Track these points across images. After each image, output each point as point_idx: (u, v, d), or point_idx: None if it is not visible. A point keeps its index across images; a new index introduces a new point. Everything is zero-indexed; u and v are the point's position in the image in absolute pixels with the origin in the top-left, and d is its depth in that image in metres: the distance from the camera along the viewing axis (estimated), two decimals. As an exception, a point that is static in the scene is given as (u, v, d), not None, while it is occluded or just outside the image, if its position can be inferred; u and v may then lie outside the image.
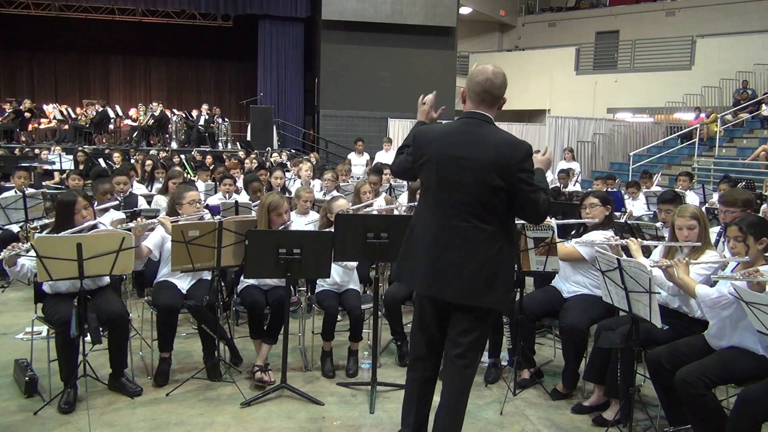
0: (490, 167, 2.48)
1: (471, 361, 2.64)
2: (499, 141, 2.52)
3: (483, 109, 2.59)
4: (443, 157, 2.57)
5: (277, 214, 3.99)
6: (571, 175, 10.47)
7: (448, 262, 2.55)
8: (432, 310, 2.71)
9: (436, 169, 2.59)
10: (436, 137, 2.63)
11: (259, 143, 15.09)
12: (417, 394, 2.76)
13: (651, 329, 3.09)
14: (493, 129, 2.58)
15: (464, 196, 2.53)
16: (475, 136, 2.55)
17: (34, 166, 9.73)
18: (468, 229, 2.53)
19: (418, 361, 2.78)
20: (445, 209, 2.57)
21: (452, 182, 2.54)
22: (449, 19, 16.49)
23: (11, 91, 18.37)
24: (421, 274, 2.62)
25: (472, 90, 2.60)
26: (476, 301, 2.56)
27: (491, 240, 2.54)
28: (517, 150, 2.50)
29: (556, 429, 3.38)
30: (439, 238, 2.57)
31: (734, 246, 2.98)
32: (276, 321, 3.93)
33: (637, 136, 16.67)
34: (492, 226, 2.53)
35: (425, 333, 2.75)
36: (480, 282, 2.53)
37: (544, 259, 3.62)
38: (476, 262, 2.52)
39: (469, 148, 2.53)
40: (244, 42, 18.54)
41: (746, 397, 2.66)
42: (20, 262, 3.45)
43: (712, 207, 6.25)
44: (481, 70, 2.59)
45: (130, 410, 3.46)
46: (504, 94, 2.61)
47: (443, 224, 2.57)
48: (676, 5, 19.32)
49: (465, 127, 2.60)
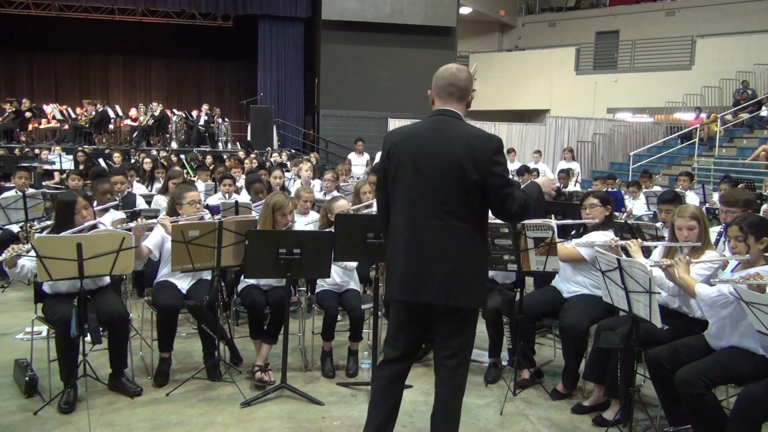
0: (463, 162, 2.45)
1: (461, 361, 2.62)
2: (470, 135, 2.50)
3: (451, 105, 2.58)
4: (414, 155, 2.53)
5: (282, 214, 3.99)
6: (571, 175, 10.48)
7: (423, 263, 2.51)
8: (410, 314, 2.66)
9: (408, 169, 2.55)
10: (405, 137, 2.60)
11: (259, 143, 15.09)
12: (381, 393, 2.70)
13: (651, 329, 3.09)
14: (463, 124, 2.56)
15: (437, 194, 2.49)
16: (445, 133, 2.52)
17: (34, 166, 9.73)
18: (442, 228, 2.49)
19: (388, 363, 2.71)
20: (419, 209, 2.53)
21: (425, 181, 2.51)
22: (449, 19, 16.49)
23: (11, 91, 18.36)
24: (396, 277, 2.59)
25: (439, 86, 2.60)
26: (454, 302, 2.52)
27: (466, 239, 2.50)
28: (487, 143, 2.48)
29: (556, 429, 3.38)
30: (413, 239, 2.54)
31: (735, 246, 2.98)
32: (276, 321, 3.93)
33: (637, 136, 16.67)
34: (467, 224, 2.50)
35: (401, 337, 2.69)
36: (456, 282, 2.50)
37: (544, 259, 3.61)
38: (452, 262, 2.49)
39: (440, 145, 2.50)
40: (244, 42, 18.54)
41: (746, 397, 2.66)
42: (20, 263, 3.45)
43: (712, 207, 6.26)
44: (446, 68, 2.61)
45: (130, 410, 3.46)
46: (471, 90, 2.61)
47: (417, 224, 2.53)
48: (676, 5, 19.32)
49: (434, 124, 2.57)
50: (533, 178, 9.92)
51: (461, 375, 2.64)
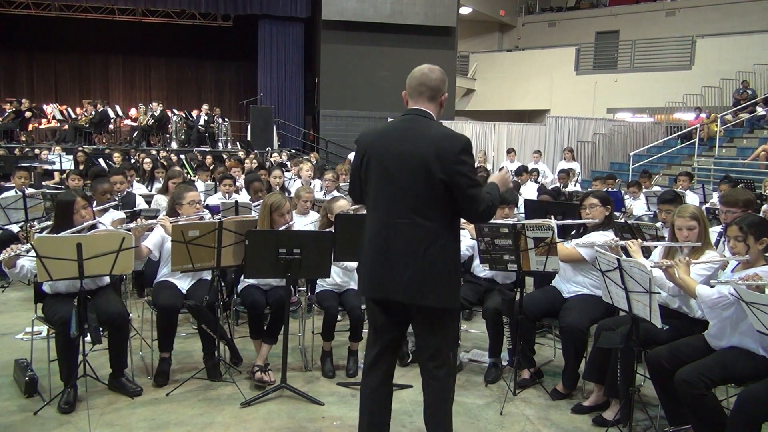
0: (428, 161, 2.45)
1: (442, 362, 2.60)
2: (436, 135, 2.50)
3: (422, 104, 2.59)
4: (382, 154, 2.55)
5: (280, 214, 3.99)
6: (571, 175, 10.48)
7: (391, 261, 2.52)
8: (386, 314, 2.64)
9: (377, 167, 2.57)
10: (376, 136, 2.63)
11: (259, 143, 15.10)
12: (369, 399, 2.70)
13: (651, 329, 3.09)
14: (432, 123, 2.57)
15: (404, 192, 2.50)
16: (413, 132, 2.53)
17: (34, 166, 9.73)
18: (409, 226, 2.50)
19: (371, 367, 2.70)
20: (387, 207, 2.55)
21: (392, 179, 2.52)
22: (449, 19, 16.50)
23: (11, 91, 18.38)
24: (367, 275, 2.61)
25: (410, 86, 2.61)
26: (422, 300, 2.51)
27: (433, 237, 2.49)
28: (454, 142, 2.47)
29: (556, 429, 3.38)
30: (381, 237, 2.55)
31: (735, 246, 2.98)
32: (276, 321, 3.93)
33: (637, 136, 16.66)
34: (434, 223, 2.49)
35: (378, 339, 2.68)
36: (424, 280, 2.49)
37: (544, 259, 3.61)
38: (418, 260, 2.48)
39: (407, 143, 2.51)
40: (244, 42, 18.55)
41: (746, 397, 2.66)
42: (19, 263, 3.44)
43: (712, 207, 6.25)
44: (419, 68, 2.62)
45: (130, 410, 3.46)
46: (444, 90, 2.61)
47: (385, 222, 2.55)
48: (676, 5, 19.33)
49: (404, 123, 2.59)
50: (533, 178, 9.95)
51: (443, 376, 2.61)
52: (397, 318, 2.65)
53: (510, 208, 4.23)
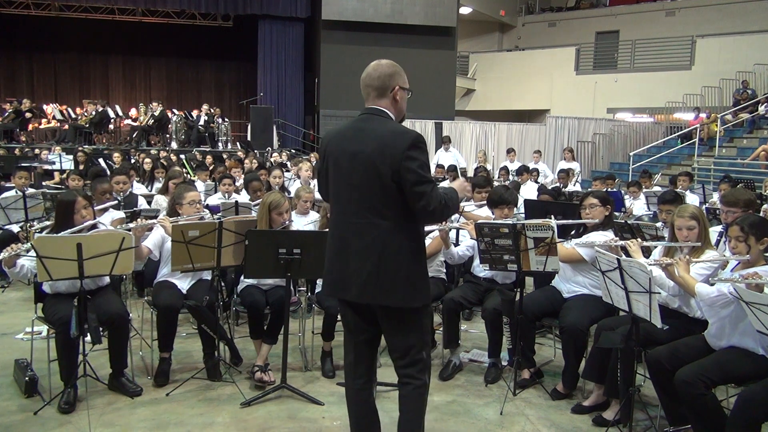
0: (377, 159, 2.43)
1: (411, 361, 2.54)
2: (385, 131, 2.48)
3: (374, 102, 2.57)
4: (338, 154, 2.55)
5: (278, 213, 3.99)
6: (571, 175, 10.48)
7: (349, 261, 2.50)
8: (352, 313, 2.62)
9: (334, 167, 2.57)
10: (334, 136, 2.63)
11: (259, 143, 15.10)
12: (354, 402, 2.70)
13: (651, 329, 3.09)
14: (384, 121, 2.54)
15: (358, 191, 2.49)
16: (364, 131, 2.52)
17: (34, 166, 9.73)
18: (364, 226, 2.48)
19: (351, 368, 2.69)
20: (344, 207, 2.54)
21: (347, 178, 2.51)
22: (449, 19, 16.50)
23: (11, 91, 18.36)
24: (328, 276, 2.61)
25: (361, 88, 2.60)
26: (382, 301, 2.48)
27: (389, 236, 2.46)
28: (401, 139, 2.43)
29: (556, 429, 3.38)
30: (340, 237, 2.55)
31: (735, 246, 2.98)
32: (276, 321, 3.93)
33: (637, 136, 16.67)
34: (388, 222, 2.46)
35: (351, 338, 2.67)
36: (380, 281, 2.45)
37: (544, 259, 3.61)
38: (374, 260, 2.45)
39: (356, 143, 2.50)
40: (244, 42, 18.55)
41: (746, 397, 2.66)
42: (19, 263, 3.45)
43: (712, 207, 6.25)
44: (366, 68, 2.60)
45: (130, 410, 3.46)
46: (392, 84, 2.55)
47: (342, 222, 2.55)
48: (676, 5, 19.33)
49: (358, 122, 2.58)
50: (533, 178, 9.95)
51: (415, 374, 2.54)
52: (367, 317, 2.61)
53: (510, 208, 4.23)
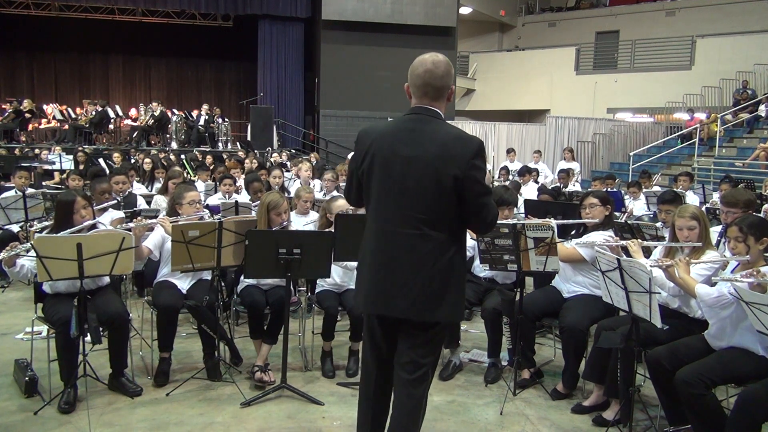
0: (439, 165, 2.24)
1: (421, 376, 2.40)
2: (448, 137, 2.28)
3: (427, 102, 2.36)
4: (387, 156, 2.31)
5: (277, 213, 3.99)
6: (571, 175, 10.48)
7: (394, 275, 2.31)
8: (382, 328, 2.46)
9: (380, 171, 2.33)
10: (379, 135, 2.37)
11: (259, 143, 15.09)
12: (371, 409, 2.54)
13: (651, 329, 3.09)
14: (442, 124, 2.34)
15: (411, 199, 2.28)
16: (422, 133, 2.30)
17: (34, 166, 9.73)
18: (415, 237, 2.28)
19: (368, 378, 2.55)
20: (390, 215, 2.32)
21: (397, 184, 2.29)
22: (449, 19, 16.50)
23: (11, 91, 18.34)
24: (365, 289, 2.40)
25: (414, 84, 2.37)
26: (427, 317, 2.32)
27: (441, 249, 2.29)
28: (466, 146, 2.25)
29: (556, 429, 3.38)
30: (382, 249, 2.34)
31: (735, 246, 2.98)
32: (276, 321, 3.93)
33: (637, 136, 16.68)
34: (442, 233, 2.29)
35: (375, 352, 2.51)
36: (430, 295, 2.29)
37: (544, 259, 3.61)
38: (425, 274, 2.28)
39: (415, 146, 2.28)
40: (244, 42, 18.52)
41: (746, 397, 2.66)
42: (19, 262, 3.45)
43: (712, 207, 6.25)
44: (421, 61, 2.37)
45: (130, 410, 3.46)
46: (450, 84, 2.38)
47: (388, 232, 2.33)
48: (676, 5, 19.33)
49: (410, 123, 2.35)
50: (533, 178, 9.95)
51: (419, 397, 2.41)
52: (394, 331, 2.46)
53: (510, 209, 4.23)
